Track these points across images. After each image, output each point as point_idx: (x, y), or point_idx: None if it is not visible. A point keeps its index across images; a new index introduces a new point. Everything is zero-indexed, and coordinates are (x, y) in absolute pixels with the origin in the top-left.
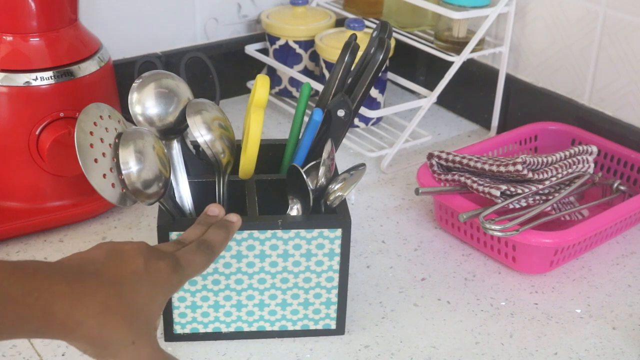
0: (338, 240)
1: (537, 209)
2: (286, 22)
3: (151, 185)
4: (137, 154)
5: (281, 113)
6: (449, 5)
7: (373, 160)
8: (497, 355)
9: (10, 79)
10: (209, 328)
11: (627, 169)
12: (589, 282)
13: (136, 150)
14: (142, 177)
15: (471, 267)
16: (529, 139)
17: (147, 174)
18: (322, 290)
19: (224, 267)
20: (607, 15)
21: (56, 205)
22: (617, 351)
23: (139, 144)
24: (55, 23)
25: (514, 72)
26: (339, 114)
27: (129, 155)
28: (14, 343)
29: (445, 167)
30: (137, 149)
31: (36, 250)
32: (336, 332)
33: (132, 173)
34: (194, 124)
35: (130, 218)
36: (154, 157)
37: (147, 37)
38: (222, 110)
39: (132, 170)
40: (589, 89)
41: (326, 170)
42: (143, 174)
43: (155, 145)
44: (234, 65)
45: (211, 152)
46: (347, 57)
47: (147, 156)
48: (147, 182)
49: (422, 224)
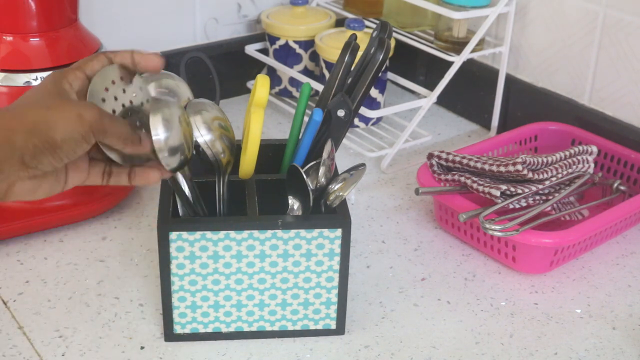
0: (338, 240)
1: (537, 209)
2: (286, 22)
3: (176, 154)
4: (164, 121)
5: (281, 113)
6: (449, 5)
7: (373, 160)
8: (497, 355)
9: (10, 79)
10: (209, 328)
11: (627, 169)
12: (589, 282)
13: (164, 118)
14: (169, 144)
15: (471, 267)
16: (529, 139)
17: (173, 141)
18: (322, 290)
19: (224, 267)
20: (607, 15)
21: (56, 205)
22: (617, 351)
23: (166, 112)
24: (55, 23)
25: (514, 72)
26: (339, 114)
27: (158, 122)
28: (14, 343)
29: (445, 167)
30: (164, 117)
31: (36, 250)
32: (336, 332)
33: (159, 140)
34: (194, 123)
35: (130, 218)
36: (180, 127)
37: (147, 37)
38: (222, 110)
39: (160, 137)
40: (589, 89)
41: (326, 170)
42: (170, 141)
43: (182, 116)
44: (234, 65)
45: (211, 152)
46: (347, 57)
47: (174, 125)
48: (173, 149)
49: (422, 224)
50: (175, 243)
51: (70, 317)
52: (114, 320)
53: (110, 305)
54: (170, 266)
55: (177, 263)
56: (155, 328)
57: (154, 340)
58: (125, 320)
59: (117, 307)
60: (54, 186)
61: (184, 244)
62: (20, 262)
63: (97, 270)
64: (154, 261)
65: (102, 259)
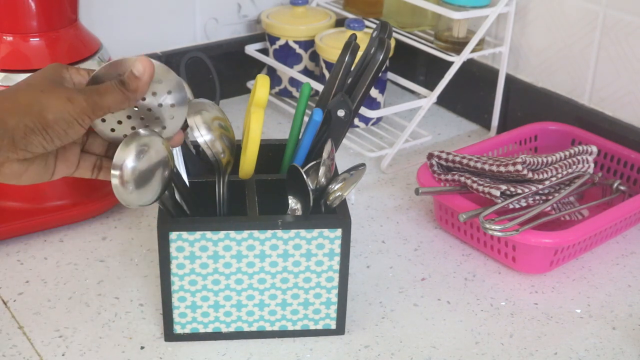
0: (338, 240)
1: (537, 209)
2: (286, 22)
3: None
4: (138, 151)
5: (281, 113)
6: (449, 5)
7: (373, 160)
8: (497, 355)
9: (10, 79)
10: (209, 328)
11: (627, 169)
12: (589, 282)
13: (138, 150)
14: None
15: (471, 267)
16: (529, 139)
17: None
18: (322, 290)
19: (224, 267)
20: (607, 15)
21: (56, 205)
22: (617, 351)
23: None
24: (55, 23)
25: (514, 72)
26: (339, 114)
27: (128, 153)
28: (14, 343)
29: (445, 167)
30: (139, 148)
31: (36, 250)
32: (336, 332)
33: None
34: (194, 124)
35: (130, 218)
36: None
37: (147, 37)
38: (222, 110)
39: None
40: (589, 89)
41: (326, 170)
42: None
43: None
44: (234, 65)
45: (211, 152)
46: (347, 57)
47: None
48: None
49: (422, 224)
50: (175, 243)
51: (70, 317)
52: (114, 320)
53: (110, 305)
54: (170, 266)
55: (177, 263)
56: (155, 328)
57: (154, 340)
58: (125, 320)
59: (117, 307)
60: (41, 173)
61: (184, 244)
62: (20, 262)
63: (97, 270)
64: (154, 261)
65: (102, 259)
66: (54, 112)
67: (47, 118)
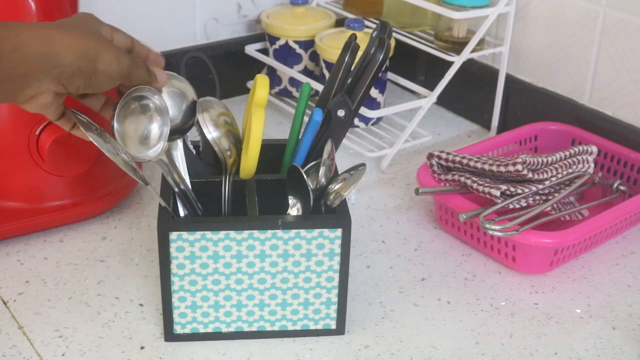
0: (338, 240)
1: (537, 209)
2: (286, 22)
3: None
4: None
5: (281, 113)
6: (449, 5)
7: (373, 160)
8: (497, 355)
9: None
10: (209, 328)
11: (627, 169)
12: (589, 282)
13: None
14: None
15: (471, 267)
16: (529, 139)
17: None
18: (322, 290)
19: (224, 267)
20: (607, 15)
21: (56, 205)
22: (617, 351)
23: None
24: None
25: (514, 72)
26: (339, 114)
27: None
28: (14, 343)
29: (445, 167)
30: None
31: (36, 250)
32: (336, 332)
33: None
34: (203, 120)
35: (130, 218)
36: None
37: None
38: (227, 107)
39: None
40: (589, 89)
41: (326, 170)
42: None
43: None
44: (234, 65)
45: (218, 149)
46: (347, 57)
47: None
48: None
49: (422, 224)
50: (175, 243)
51: (70, 317)
52: (114, 320)
53: (110, 305)
54: (170, 266)
55: (177, 263)
56: (155, 328)
57: (154, 340)
58: (125, 320)
59: (117, 307)
60: (53, 109)
61: (184, 244)
62: (20, 262)
63: (97, 270)
64: (154, 261)
65: (102, 259)
66: (104, 64)
67: (98, 67)
